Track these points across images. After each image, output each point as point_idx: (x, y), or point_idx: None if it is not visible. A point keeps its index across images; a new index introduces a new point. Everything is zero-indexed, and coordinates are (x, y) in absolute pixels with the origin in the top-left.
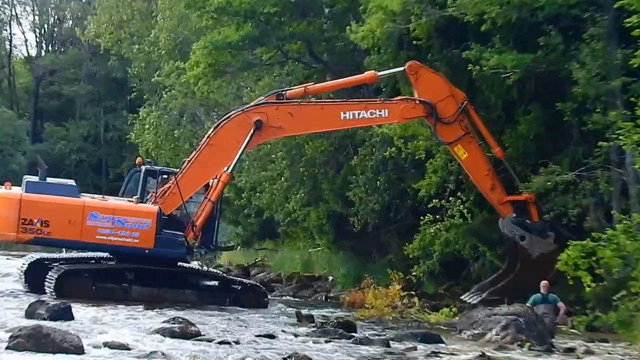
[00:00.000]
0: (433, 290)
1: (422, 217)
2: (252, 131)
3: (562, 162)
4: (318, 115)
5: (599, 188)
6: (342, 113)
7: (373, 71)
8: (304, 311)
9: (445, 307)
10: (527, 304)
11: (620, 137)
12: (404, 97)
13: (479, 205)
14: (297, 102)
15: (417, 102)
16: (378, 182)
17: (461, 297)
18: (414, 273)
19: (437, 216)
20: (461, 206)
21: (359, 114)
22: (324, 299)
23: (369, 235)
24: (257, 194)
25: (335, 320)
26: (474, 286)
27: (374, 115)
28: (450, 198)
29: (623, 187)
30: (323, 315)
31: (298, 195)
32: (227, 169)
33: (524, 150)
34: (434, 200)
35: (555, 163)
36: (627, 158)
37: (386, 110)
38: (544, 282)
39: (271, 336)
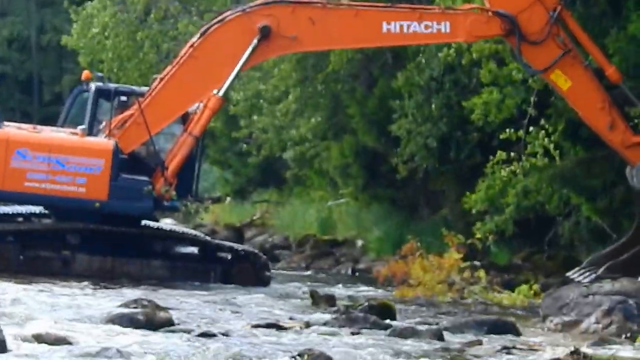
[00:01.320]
0: (506, 261)
1: (491, 157)
2: (255, 41)
3: None
4: (350, 24)
5: None
6: (384, 23)
7: None
8: (322, 290)
9: (524, 283)
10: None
11: None
12: (473, 5)
13: (572, 138)
14: (321, 2)
15: (492, 14)
16: (433, 106)
17: (567, 275)
18: (478, 236)
19: (513, 154)
20: (546, 140)
21: (408, 26)
22: (350, 272)
23: (414, 182)
24: (255, 117)
25: (366, 303)
26: (585, 260)
27: (430, 30)
28: (531, 128)
29: None
30: (349, 296)
31: (311, 122)
32: (218, 92)
33: (636, 59)
34: (507, 131)
35: None
36: None
37: (448, 24)
38: None
39: (275, 326)
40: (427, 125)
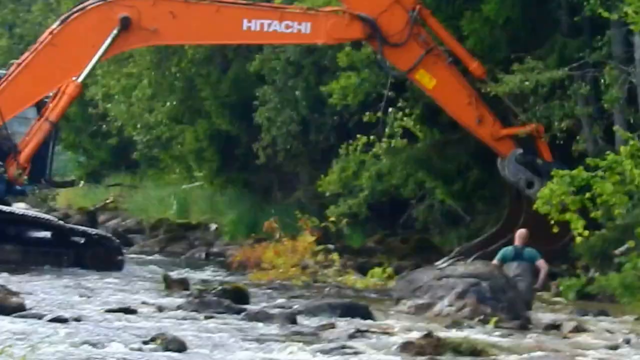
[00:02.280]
0: (359, 244)
1: (350, 140)
2: (115, 32)
3: (546, 58)
4: (211, 20)
5: (598, 93)
6: (245, 21)
7: None
8: (175, 274)
9: (377, 266)
10: (494, 261)
11: (631, 22)
12: (335, 8)
13: (430, 121)
14: None
15: (353, 17)
16: (296, 92)
17: (435, 264)
18: (331, 218)
19: (372, 137)
20: (405, 120)
21: (269, 24)
22: (203, 256)
23: (268, 166)
24: (109, 105)
25: (220, 287)
26: (456, 249)
27: (291, 30)
28: (390, 109)
29: (631, 92)
30: (202, 280)
31: (166, 105)
32: (77, 79)
33: (490, 41)
34: (367, 114)
35: (535, 59)
36: (637, 51)
37: (309, 25)
38: (520, 232)
39: (128, 310)
40: (287, 110)
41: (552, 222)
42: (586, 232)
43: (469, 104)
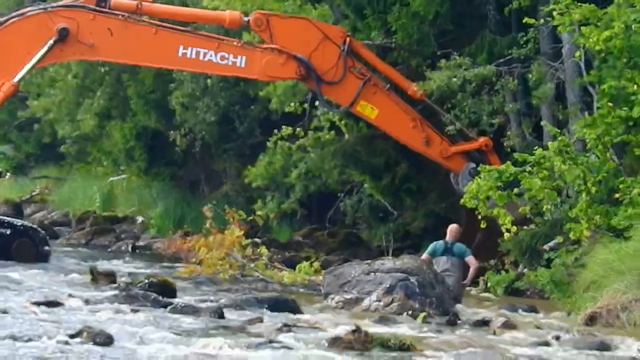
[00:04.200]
0: (287, 238)
1: (276, 131)
2: (51, 42)
3: (476, 54)
4: (147, 42)
5: (526, 89)
6: (181, 47)
7: (239, 12)
8: (102, 266)
9: (305, 260)
10: (423, 256)
11: (554, 16)
12: (272, 45)
13: (355, 115)
14: (124, 15)
15: (289, 57)
16: (209, 80)
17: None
18: (259, 212)
19: (298, 129)
20: (330, 113)
21: (205, 54)
22: (130, 249)
23: (195, 159)
24: (35, 101)
25: (147, 281)
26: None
27: (226, 62)
28: (317, 101)
29: (558, 88)
30: (129, 273)
31: (95, 104)
32: (13, 78)
33: (418, 36)
34: (292, 105)
35: (464, 55)
36: (565, 47)
37: (244, 59)
38: (451, 227)
39: (54, 303)
40: (206, 99)
41: (480, 217)
42: (515, 228)
43: (414, 127)
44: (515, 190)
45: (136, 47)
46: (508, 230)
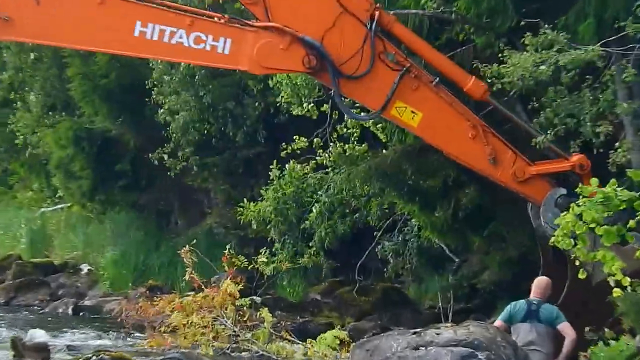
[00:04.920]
0: (300, 296)
1: (284, 144)
2: None
3: (573, 29)
4: (89, 16)
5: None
6: (139, 24)
7: None
8: (29, 336)
9: (326, 328)
10: (497, 322)
11: None
12: (272, 24)
13: None
14: None
15: (294, 39)
16: (197, 76)
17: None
18: (262, 259)
19: (316, 139)
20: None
21: (173, 34)
22: (71, 311)
23: (166, 179)
24: None
25: (95, 358)
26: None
27: (202, 46)
28: (325, 105)
29: None
30: (68, 347)
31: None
32: None
33: (491, 3)
34: (304, 105)
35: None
36: None
37: (228, 43)
38: (539, 280)
39: None
40: (183, 93)
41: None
42: (626, 279)
43: (474, 138)
44: (631, 223)
45: (73, 23)
46: (619, 285)
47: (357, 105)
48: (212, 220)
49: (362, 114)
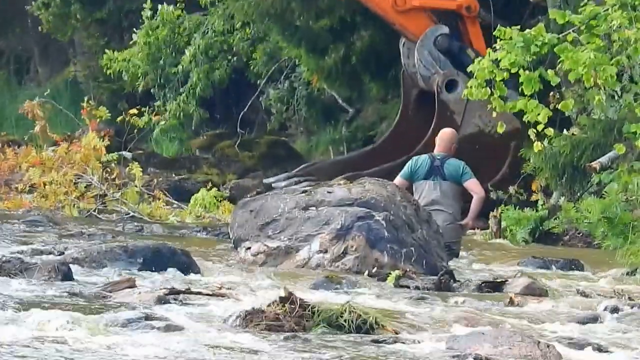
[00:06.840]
0: (175, 151)
1: None
2: None
3: None
4: None
5: None
6: None
7: None
8: None
9: (204, 187)
10: (396, 179)
11: None
12: None
13: None
14: None
15: None
16: None
17: (264, 181)
18: (132, 110)
19: None
20: None
21: None
22: None
23: (25, 21)
24: None
25: None
26: (303, 165)
27: None
28: None
29: None
30: None
31: None
32: None
33: None
34: None
35: None
36: None
37: None
38: (443, 132)
39: None
40: None
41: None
42: (550, 131)
43: None
44: (551, 72)
45: None
46: (539, 136)
47: None
48: (78, 70)
49: None
